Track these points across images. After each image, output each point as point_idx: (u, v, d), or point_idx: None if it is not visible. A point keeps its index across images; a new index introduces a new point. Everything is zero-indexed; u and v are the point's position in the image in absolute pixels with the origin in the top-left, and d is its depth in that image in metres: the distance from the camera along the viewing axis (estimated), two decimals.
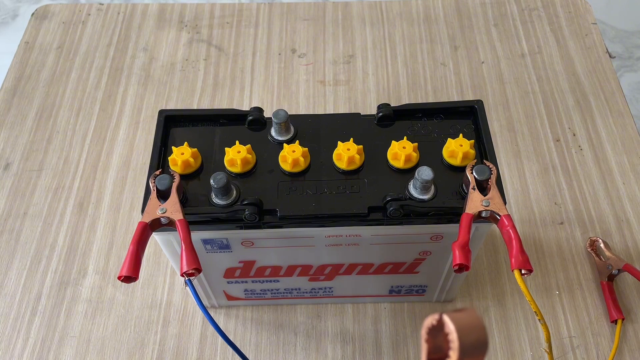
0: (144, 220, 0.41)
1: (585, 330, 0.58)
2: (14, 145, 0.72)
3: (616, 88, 0.77)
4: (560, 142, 0.72)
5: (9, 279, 0.62)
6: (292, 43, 0.83)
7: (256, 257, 0.50)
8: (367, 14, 0.87)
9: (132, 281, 0.39)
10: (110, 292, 0.61)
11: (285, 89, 0.78)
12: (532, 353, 0.56)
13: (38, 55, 0.82)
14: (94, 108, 0.76)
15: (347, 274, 0.53)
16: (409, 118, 0.49)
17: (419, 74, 0.79)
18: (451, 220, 0.44)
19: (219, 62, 0.81)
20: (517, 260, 0.39)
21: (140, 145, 0.72)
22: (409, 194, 0.44)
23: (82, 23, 0.86)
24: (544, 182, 0.68)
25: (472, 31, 0.84)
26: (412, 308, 0.60)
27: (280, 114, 0.46)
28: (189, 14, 0.87)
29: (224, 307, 0.60)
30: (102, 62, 0.81)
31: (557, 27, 0.85)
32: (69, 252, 0.63)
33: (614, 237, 0.64)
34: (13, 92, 0.78)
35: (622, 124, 0.73)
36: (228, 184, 0.42)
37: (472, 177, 0.42)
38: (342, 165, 0.45)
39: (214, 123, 0.48)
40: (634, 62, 1.57)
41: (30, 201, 0.67)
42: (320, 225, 0.44)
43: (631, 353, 0.56)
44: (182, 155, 0.44)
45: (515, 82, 0.78)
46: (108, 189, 0.68)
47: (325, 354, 0.57)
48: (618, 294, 0.59)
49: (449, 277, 0.54)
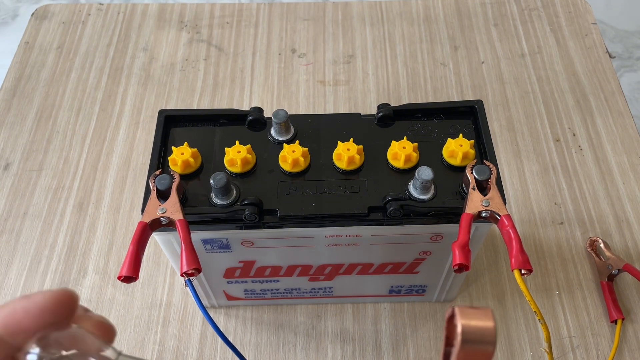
0: (143, 220, 0.41)
1: (585, 330, 0.58)
2: (14, 145, 0.72)
3: (616, 88, 0.77)
4: (560, 142, 0.72)
5: (9, 279, 0.62)
6: (292, 43, 0.83)
7: (256, 257, 0.50)
8: (367, 14, 0.87)
9: (132, 281, 0.39)
10: (110, 292, 0.61)
11: (285, 89, 0.78)
12: (532, 353, 0.56)
13: (38, 55, 0.82)
14: (94, 108, 0.76)
15: (347, 274, 0.53)
16: (409, 118, 0.49)
17: (419, 74, 0.79)
18: (451, 220, 0.44)
19: (219, 62, 0.81)
20: (517, 260, 0.39)
21: (140, 145, 0.72)
22: (409, 194, 0.44)
23: (82, 23, 0.86)
24: (544, 182, 0.68)
25: (472, 31, 0.84)
26: (412, 308, 0.60)
27: (280, 114, 0.46)
28: (189, 14, 0.87)
29: (224, 307, 0.60)
30: (102, 62, 0.81)
31: (557, 27, 0.85)
32: (69, 252, 0.63)
33: (614, 237, 0.64)
34: (13, 92, 0.78)
35: (622, 124, 0.73)
36: (228, 184, 0.42)
37: (472, 177, 0.42)
38: (342, 165, 0.45)
39: (214, 123, 0.48)
40: (634, 62, 1.57)
41: (30, 201, 0.67)
42: (320, 225, 0.44)
43: (631, 353, 0.56)
44: (182, 155, 0.44)
45: (515, 82, 0.78)
46: (108, 189, 0.68)
47: (325, 354, 0.57)
48: (618, 294, 0.59)
49: (449, 277, 0.54)
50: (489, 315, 0.25)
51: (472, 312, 0.25)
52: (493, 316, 0.25)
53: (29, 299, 0.25)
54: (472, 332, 0.25)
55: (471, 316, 0.25)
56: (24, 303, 0.25)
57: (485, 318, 0.25)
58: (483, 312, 0.25)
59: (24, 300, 0.25)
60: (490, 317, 0.25)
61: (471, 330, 0.25)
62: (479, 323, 0.25)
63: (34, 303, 0.25)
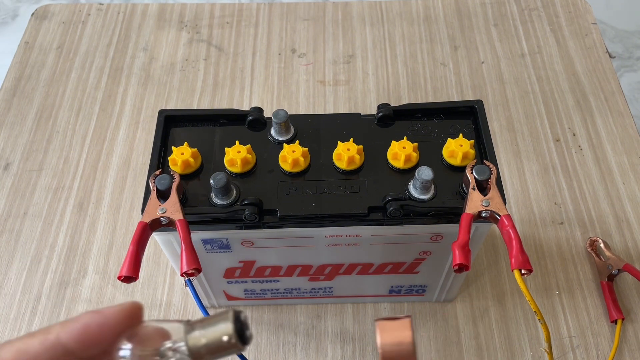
0: (143, 220, 0.41)
1: (585, 330, 0.58)
2: (14, 145, 0.72)
3: (616, 88, 0.77)
4: (560, 142, 0.72)
5: (9, 279, 0.62)
6: (292, 43, 0.83)
7: (256, 257, 0.50)
8: (367, 14, 0.87)
9: (132, 281, 0.39)
10: (110, 292, 0.61)
11: (285, 89, 0.78)
12: (532, 353, 0.56)
13: (38, 55, 0.82)
14: (94, 108, 0.76)
15: (347, 274, 0.53)
16: (409, 118, 0.49)
17: (419, 74, 0.79)
18: (451, 220, 0.44)
19: (219, 62, 0.81)
20: (517, 260, 0.39)
21: (140, 145, 0.72)
22: (409, 194, 0.44)
23: (82, 23, 0.86)
24: (544, 182, 0.68)
25: (472, 31, 0.84)
26: (412, 308, 0.60)
27: (280, 114, 0.46)
28: (189, 14, 0.87)
29: (224, 307, 0.60)
30: (102, 62, 0.81)
31: (557, 27, 0.85)
32: (69, 252, 0.63)
33: (614, 237, 0.64)
34: (13, 92, 0.78)
35: (622, 124, 0.73)
36: (228, 184, 0.42)
37: (472, 177, 0.42)
38: (342, 165, 0.45)
39: (214, 123, 0.48)
40: (634, 62, 1.57)
41: (30, 201, 0.67)
42: (320, 225, 0.44)
43: (631, 353, 0.56)
44: (182, 155, 0.44)
45: (515, 82, 0.78)
46: (108, 189, 0.68)
47: (325, 354, 0.57)
48: (618, 294, 0.59)
49: (449, 277, 0.54)
50: (407, 328, 0.27)
51: (391, 326, 0.27)
52: (411, 327, 0.27)
53: (102, 314, 0.26)
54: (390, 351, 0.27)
55: (390, 331, 0.27)
56: (97, 319, 0.26)
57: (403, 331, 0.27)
58: (401, 325, 0.27)
59: (97, 316, 0.26)
60: (408, 330, 0.27)
61: (388, 349, 0.27)
62: (397, 339, 0.27)
63: (106, 318, 0.26)
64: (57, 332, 0.26)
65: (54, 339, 0.26)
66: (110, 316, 0.27)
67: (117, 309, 0.27)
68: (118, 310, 0.27)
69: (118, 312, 0.27)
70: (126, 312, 0.27)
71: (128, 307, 0.27)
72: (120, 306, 0.27)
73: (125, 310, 0.27)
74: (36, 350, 0.26)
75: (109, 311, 0.27)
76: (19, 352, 0.26)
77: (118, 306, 0.27)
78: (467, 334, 0.58)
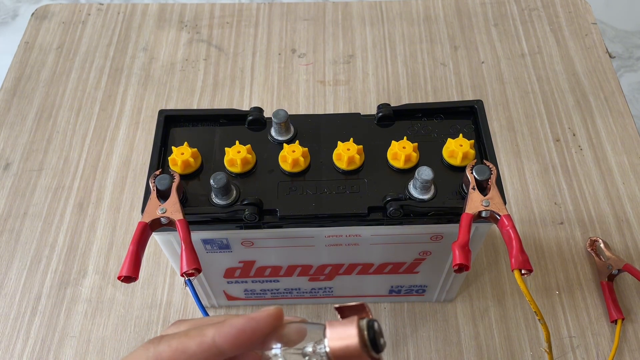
0: (144, 220, 0.41)
1: (585, 330, 0.58)
2: (14, 145, 0.72)
3: (616, 88, 0.77)
4: (560, 142, 0.72)
5: (9, 279, 0.62)
6: (292, 43, 0.83)
7: (256, 257, 0.50)
8: (367, 14, 0.87)
9: (132, 281, 0.39)
10: (110, 292, 0.61)
11: (285, 89, 0.78)
12: (532, 353, 0.56)
13: (38, 55, 0.82)
14: (94, 108, 0.76)
15: (347, 274, 0.53)
16: (409, 118, 0.49)
17: (419, 74, 0.79)
18: (451, 220, 0.44)
19: (219, 62, 0.81)
20: (517, 260, 0.39)
21: (140, 145, 0.72)
22: (409, 194, 0.44)
23: (82, 23, 0.86)
24: (544, 182, 0.68)
25: (472, 31, 0.84)
26: (412, 308, 0.60)
27: (280, 114, 0.46)
28: (189, 14, 0.87)
29: (224, 307, 0.60)
30: (102, 62, 0.81)
31: (557, 27, 0.85)
32: (69, 252, 0.63)
33: (614, 237, 0.64)
34: (13, 92, 0.78)
35: (622, 124, 0.73)
36: (228, 184, 0.42)
37: (472, 177, 0.42)
38: (342, 165, 0.45)
39: (214, 123, 0.48)
40: (634, 62, 1.57)
41: (30, 201, 0.67)
42: (320, 225, 0.44)
43: (631, 353, 0.56)
44: (182, 155, 0.44)
45: (515, 82, 0.78)
46: (108, 189, 0.68)
47: None
48: (618, 294, 0.59)
49: (449, 277, 0.54)
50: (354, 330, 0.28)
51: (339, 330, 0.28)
52: (358, 329, 0.28)
53: (255, 320, 0.29)
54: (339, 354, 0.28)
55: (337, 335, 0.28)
56: (252, 325, 0.29)
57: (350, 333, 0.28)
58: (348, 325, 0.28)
59: (251, 322, 0.29)
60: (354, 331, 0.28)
61: (337, 352, 0.28)
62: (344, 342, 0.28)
63: (259, 324, 0.29)
64: (213, 335, 0.28)
65: (211, 342, 0.28)
66: (262, 321, 0.29)
67: (266, 314, 0.29)
68: (268, 316, 0.29)
69: (268, 317, 0.29)
70: (274, 317, 0.29)
71: (275, 312, 0.30)
72: (268, 311, 0.30)
73: (272, 316, 0.29)
74: (194, 351, 0.28)
75: (260, 316, 0.29)
76: (177, 352, 0.28)
77: (266, 311, 0.30)
78: (467, 334, 0.58)
